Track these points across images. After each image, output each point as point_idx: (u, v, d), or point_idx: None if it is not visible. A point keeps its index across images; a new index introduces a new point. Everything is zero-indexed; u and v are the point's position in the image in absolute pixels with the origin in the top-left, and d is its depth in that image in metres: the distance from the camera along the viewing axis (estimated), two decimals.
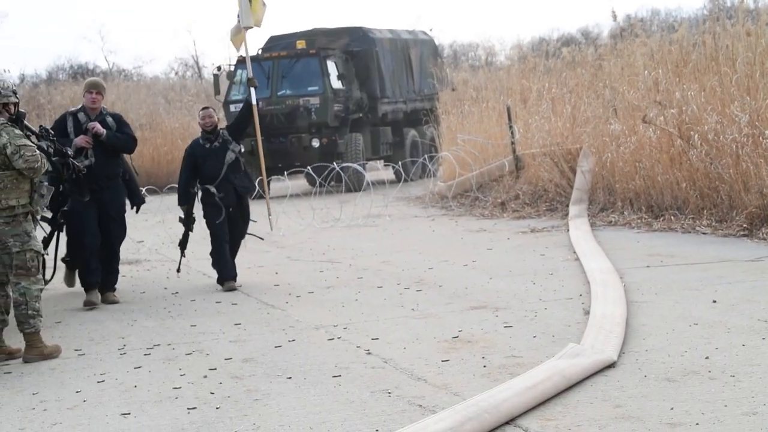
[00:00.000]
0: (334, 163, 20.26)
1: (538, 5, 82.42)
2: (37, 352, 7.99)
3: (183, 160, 11.43)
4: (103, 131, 10.39)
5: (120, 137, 10.57)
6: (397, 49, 27.00)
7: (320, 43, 25.12)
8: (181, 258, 11.68)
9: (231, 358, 7.57)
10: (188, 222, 11.38)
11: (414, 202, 20.37)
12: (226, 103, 24.79)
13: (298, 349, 7.73)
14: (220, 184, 11.12)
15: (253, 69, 23.97)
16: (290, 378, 6.84)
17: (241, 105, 23.17)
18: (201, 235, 15.00)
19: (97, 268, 10.49)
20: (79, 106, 10.60)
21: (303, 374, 6.92)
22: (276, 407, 6.14)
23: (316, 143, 23.88)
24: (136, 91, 39.27)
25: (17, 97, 8.26)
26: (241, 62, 24.51)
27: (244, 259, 12.00)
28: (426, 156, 22.40)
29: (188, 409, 6.25)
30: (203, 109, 11.59)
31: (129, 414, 6.24)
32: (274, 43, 25.74)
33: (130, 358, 7.88)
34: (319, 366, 7.11)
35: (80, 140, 10.35)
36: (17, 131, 8.03)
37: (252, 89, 12.12)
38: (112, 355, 8.03)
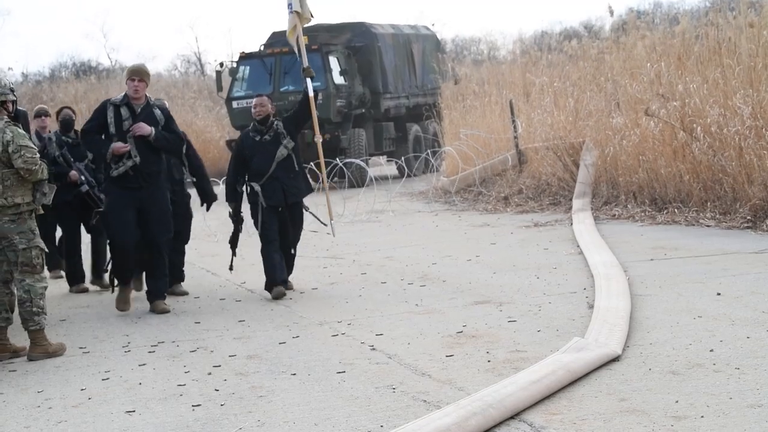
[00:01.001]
0: (337, 159, 20.26)
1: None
2: (41, 350, 8.00)
3: (232, 153, 10.44)
4: (150, 130, 9.42)
5: (168, 137, 9.60)
6: (399, 44, 26.99)
7: (322, 38, 25.12)
8: (232, 256, 10.73)
9: (235, 355, 7.57)
10: (237, 220, 10.42)
11: (417, 197, 20.37)
12: (229, 100, 24.80)
13: (302, 346, 7.73)
14: (267, 183, 10.08)
15: (255, 65, 24.34)
16: (294, 374, 6.85)
17: (243, 101, 23.56)
18: (206, 233, 15.01)
19: (128, 267, 9.73)
20: (122, 96, 9.50)
21: (307, 370, 6.92)
22: (280, 404, 6.14)
23: (318, 139, 23.87)
24: None
25: (15, 95, 8.25)
26: (243, 59, 24.57)
27: (247, 255, 12.01)
28: (429, 151, 22.40)
29: (193, 406, 6.25)
30: (257, 96, 10.46)
31: (134, 411, 6.25)
32: (276, 39, 25.71)
33: (134, 355, 7.89)
34: (324, 362, 7.12)
35: (117, 148, 9.38)
36: (21, 131, 8.05)
37: (308, 79, 10.60)
38: (117, 353, 8.04)
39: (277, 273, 10.01)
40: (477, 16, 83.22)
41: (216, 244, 14.48)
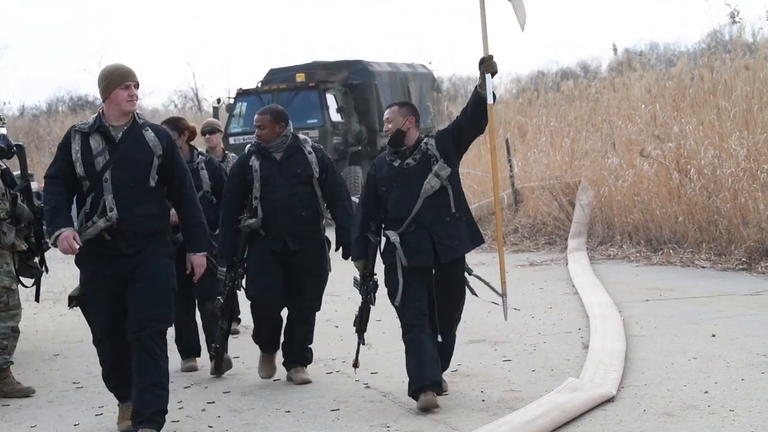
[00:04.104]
0: None
1: (536, 38, 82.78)
2: (8, 389, 7.83)
3: (363, 188, 7.29)
4: (204, 260, 6.52)
5: (206, 230, 6.57)
6: (396, 82, 27.08)
7: (319, 76, 25.19)
8: (359, 345, 7.32)
9: (229, 392, 7.55)
10: (366, 287, 7.20)
11: None
12: (226, 136, 24.82)
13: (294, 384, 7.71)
14: (408, 231, 6.86)
15: (252, 102, 24.36)
16: (288, 412, 6.83)
17: (240, 137, 23.59)
18: None
19: (123, 375, 6.53)
20: (92, 120, 6.39)
21: (301, 408, 6.91)
22: None
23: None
24: None
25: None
26: (241, 95, 24.64)
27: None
28: None
29: None
30: (389, 108, 7.15)
31: None
32: (273, 75, 25.80)
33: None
34: (318, 400, 7.10)
35: (63, 244, 6.17)
36: None
37: (488, 76, 6.74)
38: None
39: (426, 370, 6.69)
40: (474, 55, 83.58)
41: None
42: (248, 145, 7.92)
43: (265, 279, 7.63)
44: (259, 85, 25.39)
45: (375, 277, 7.15)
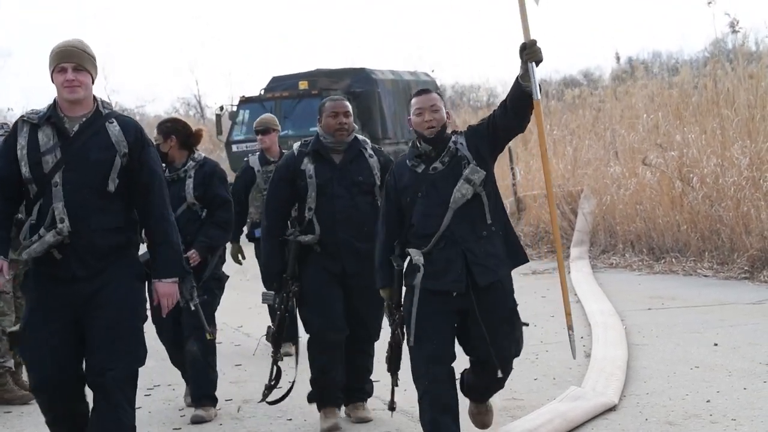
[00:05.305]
0: None
1: (539, 43, 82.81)
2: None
3: (382, 200, 6.02)
4: (174, 286, 5.18)
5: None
6: (399, 90, 27.11)
7: (322, 83, 25.24)
8: (393, 387, 6.31)
9: (231, 399, 7.55)
10: (394, 320, 5.88)
11: None
12: (228, 144, 24.86)
13: (299, 390, 7.70)
14: (435, 250, 5.57)
15: (255, 109, 24.37)
16: (290, 420, 6.84)
17: (242, 145, 23.61)
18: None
19: (68, 426, 5.42)
20: (45, 109, 5.15)
21: (303, 416, 6.91)
22: None
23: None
24: None
25: None
26: (243, 102, 24.67)
27: (245, 300, 11.94)
28: None
29: None
30: (419, 94, 5.94)
31: None
32: (276, 83, 25.83)
33: None
34: None
35: None
36: None
37: (531, 65, 5.41)
38: None
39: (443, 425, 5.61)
40: (476, 63, 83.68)
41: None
42: (297, 145, 6.97)
43: (325, 301, 6.59)
44: (262, 92, 25.43)
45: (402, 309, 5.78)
